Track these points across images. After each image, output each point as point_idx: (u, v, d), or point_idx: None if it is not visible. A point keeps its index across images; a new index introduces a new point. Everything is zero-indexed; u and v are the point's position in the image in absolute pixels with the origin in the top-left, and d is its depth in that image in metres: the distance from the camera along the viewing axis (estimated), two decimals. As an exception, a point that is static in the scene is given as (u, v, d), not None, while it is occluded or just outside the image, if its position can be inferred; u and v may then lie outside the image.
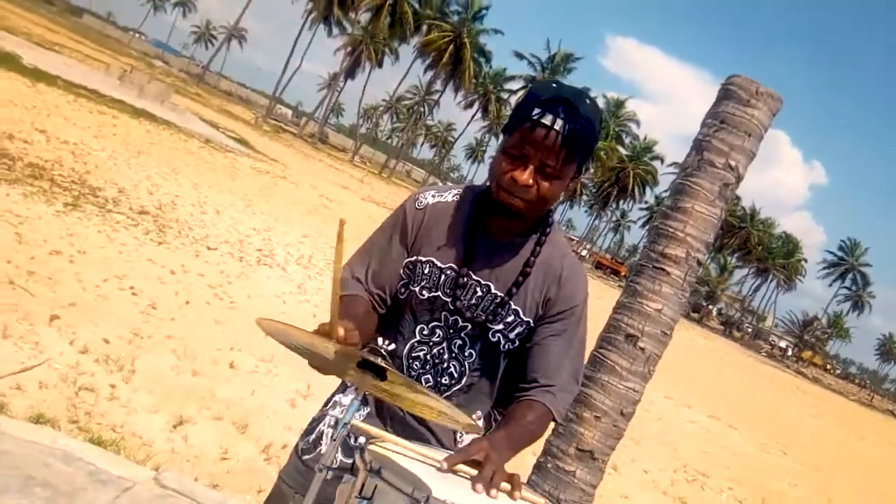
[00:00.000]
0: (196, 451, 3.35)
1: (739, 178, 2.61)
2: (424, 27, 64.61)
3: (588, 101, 1.49)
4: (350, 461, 1.32)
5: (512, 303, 1.57)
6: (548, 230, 1.62)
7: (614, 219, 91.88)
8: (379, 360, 1.16)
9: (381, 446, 1.29)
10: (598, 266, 75.10)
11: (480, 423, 1.64)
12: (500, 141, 1.57)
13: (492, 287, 1.57)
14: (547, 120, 1.45)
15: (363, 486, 1.18)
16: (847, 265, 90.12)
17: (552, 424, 1.68)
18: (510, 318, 1.59)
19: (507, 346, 1.62)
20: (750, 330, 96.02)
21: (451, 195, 1.66)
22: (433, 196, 1.65)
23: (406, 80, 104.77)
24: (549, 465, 2.53)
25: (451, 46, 63.18)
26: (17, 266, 4.60)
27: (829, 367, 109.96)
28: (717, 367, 27.24)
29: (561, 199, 1.56)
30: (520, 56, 70.14)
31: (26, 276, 4.52)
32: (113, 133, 13.03)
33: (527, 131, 1.47)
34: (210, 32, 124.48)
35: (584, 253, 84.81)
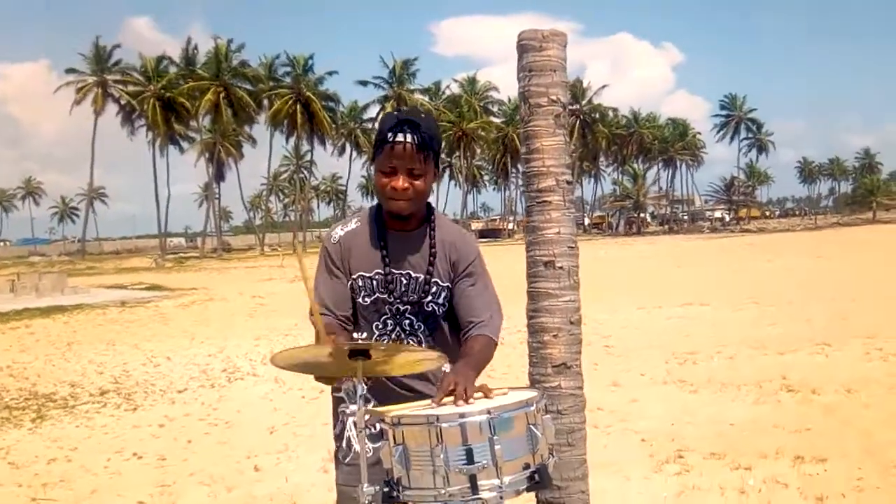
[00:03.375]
0: (265, 543, 3.70)
1: (565, 105, 3.15)
2: (266, 101, 64.85)
3: (423, 115, 2.05)
4: (380, 444, 1.78)
5: (432, 278, 2.07)
6: (433, 217, 2.15)
7: (522, 183, 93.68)
8: (361, 339, 1.63)
9: (393, 414, 1.75)
10: (529, 231, 76.40)
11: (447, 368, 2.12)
12: (374, 166, 2.08)
13: (412, 273, 2.08)
14: (400, 137, 1.99)
15: (394, 437, 1.64)
16: (735, 118, 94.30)
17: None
18: (434, 290, 2.11)
19: (440, 310, 2.14)
20: (686, 217, 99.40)
21: (353, 223, 2.16)
22: (341, 229, 2.15)
23: (273, 156, 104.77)
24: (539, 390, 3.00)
25: (298, 106, 63.60)
26: (30, 486, 4.82)
27: (767, 213, 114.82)
28: (671, 262, 28.40)
29: (432, 186, 2.11)
30: (363, 83, 71.33)
31: (41, 489, 4.75)
32: (35, 340, 12.97)
33: (388, 150, 2.00)
34: (69, 207, 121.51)
35: (510, 226, 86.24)
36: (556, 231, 3.07)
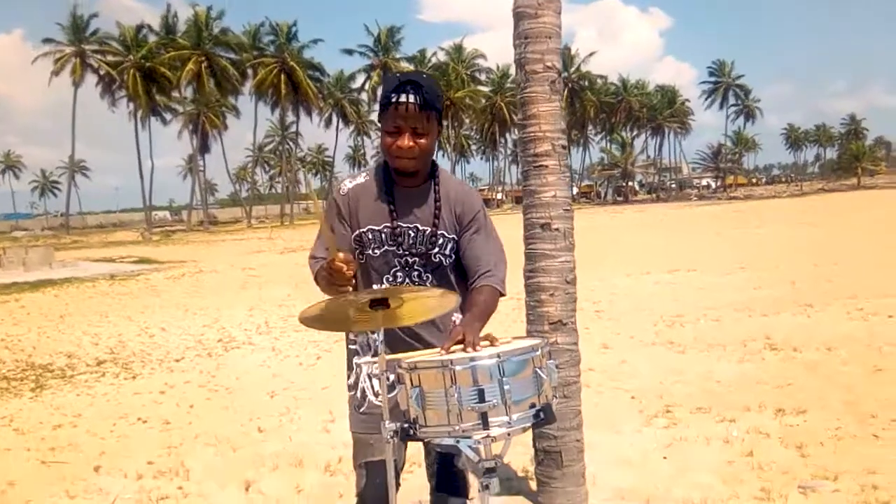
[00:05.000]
0: (275, 497, 3.87)
1: (559, 72, 3.27)
2: (249, 71, 64.03)
3: (424, 75, 2.13)
4: (395, 392, 1.91)
5: (438, 230, 2.18)
6: (437, 173, 2.24)
7: (510, 153, 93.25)
8: (379, 289, 1.76)
9: (409, 360, 1.88)
10: (518, 200, 76.61)
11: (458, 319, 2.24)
12: (380, 126, 2.17)
13: (419, 226, 2.19)
14: (403, 98, 2.08)
15: (411, 380, 1.77)
16: (724, 84, 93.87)
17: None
18: (441, 241, 2.21)
19: (447, 261, 2.24)
20: (674, 185, 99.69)
21: (362, 177, 2.26)
22: (349, 182, 2.26)
23: (258, 127, 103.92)
24: (536, 346, 3.15)
25: (283, 75, 62.86)
26: (38, 450, 4.95)
27: (754, 180, 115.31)
28: (659, 230, 28.65)
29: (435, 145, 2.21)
30: (349, 52, 70.63)
31: (50, 453, 4.88)
32: (27, 313, 13.01)
33: (393, 111, 2.10)
34: (49, 181, 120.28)
35: (499, 196, 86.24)
36: (553, 194, 3.20)
